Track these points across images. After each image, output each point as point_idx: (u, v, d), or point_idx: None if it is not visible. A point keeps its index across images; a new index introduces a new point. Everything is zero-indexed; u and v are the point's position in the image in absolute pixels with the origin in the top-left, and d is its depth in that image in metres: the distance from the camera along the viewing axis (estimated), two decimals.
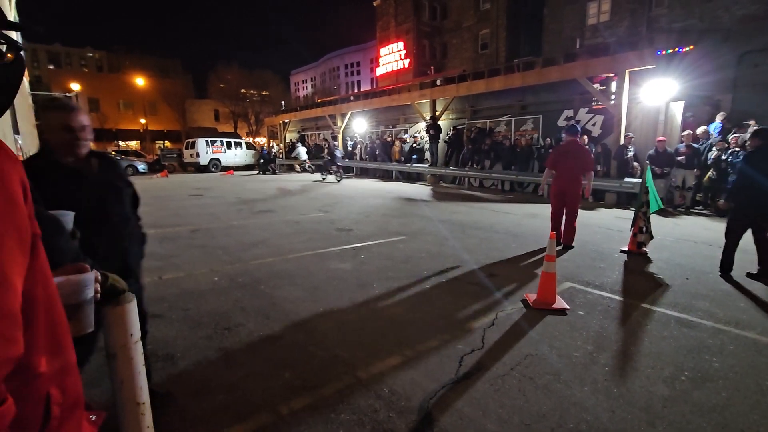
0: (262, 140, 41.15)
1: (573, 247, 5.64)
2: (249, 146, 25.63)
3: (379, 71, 32.99)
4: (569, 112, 12.06)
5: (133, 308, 1.55)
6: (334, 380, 2.43)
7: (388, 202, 10.46)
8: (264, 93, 45.51)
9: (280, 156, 25.64)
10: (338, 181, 16.12)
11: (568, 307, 3.46)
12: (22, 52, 0.73)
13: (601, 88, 11.09)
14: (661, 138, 9.31)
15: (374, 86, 35.66)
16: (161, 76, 44.87)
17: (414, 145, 16.69)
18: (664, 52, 9.62)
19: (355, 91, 42.01)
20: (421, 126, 17.03)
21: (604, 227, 7.17)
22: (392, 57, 31.26)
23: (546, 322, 3.22)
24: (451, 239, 6.15)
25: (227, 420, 2.08)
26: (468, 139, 14.55)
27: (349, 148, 20.39)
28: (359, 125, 20.29)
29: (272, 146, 30.18)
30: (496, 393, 2.30)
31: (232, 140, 24.67)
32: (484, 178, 13.55)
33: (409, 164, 16.26)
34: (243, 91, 44.15)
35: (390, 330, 3.11)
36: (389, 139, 18.41)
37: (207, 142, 23.07)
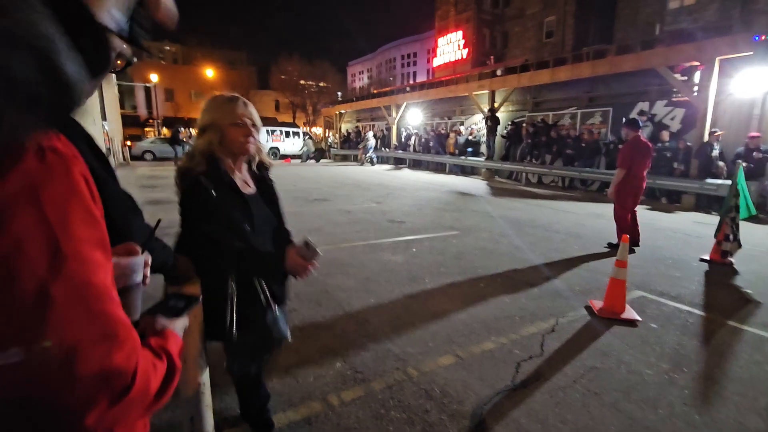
0: (318, 130, 42.23)
1: (639, 246, 5.25)
2: (307, 136, 26.38)
3: (437, 62, 32.39)
4: (644, 105, 11.09)
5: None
6: (384, 374, 2.40)
7: (441, 195, 10.27)
8: (321, 84, 46.51)
9: (335, 146, 26.14)
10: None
11: (639, 319, 3.17)
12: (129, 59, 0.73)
13: (683, 78, 10.06)
14: (754, 134, 8.26)
15: (430, 77, 35.14)
16: (228, 67, 47.29)
17: (470, 137, 16.26)
18: (762, 38, 8.49)
19: (411, 82, 41.69)
20: (478, 118, 16.53)
21: (680, 232, 6.52)
22: (450, 47, 30.52)
23: (613, 333, 2.97)
24: (507, 237, 5.90)
25: (281, 405, 2.11)
26: (528, 132, 13.87)
27: (403, 140, 20.32)
28: (414, 117, 20.10)
29: (328, 136, 30.87)
30: (556, 406, 2.14)
31: (291, 130, 25.54)
32: (544, 174, 12.88)
33: (463, 157, 15.87)
34: (302, 82, 45.41)
35: (442, 327, 3.02)
36: (444, 131, 18.06)
37: (268, 131, 24.04)
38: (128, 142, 21.81)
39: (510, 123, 14.96)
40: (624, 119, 5.51)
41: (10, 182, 0.42)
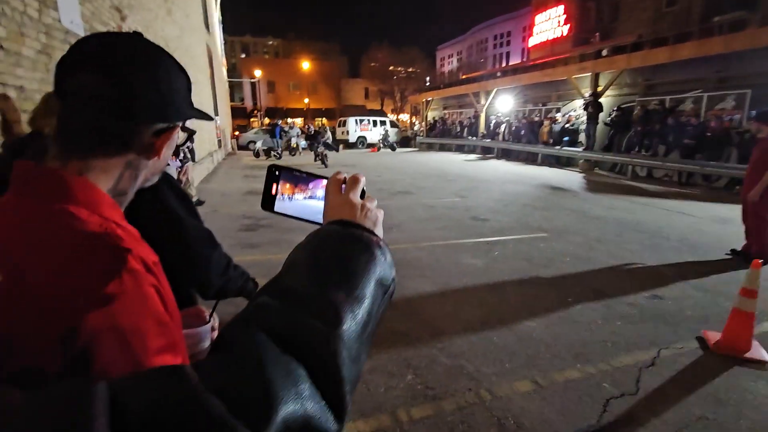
0: (405, 117, 42.40)
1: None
2: (393, 124, 26.66)
3: (532, 41, 30.11)
4: None
5: None
6: (456, 394, 2.35)
7: (531, 189, 9.65)
8: (410, 70, 46.43)
9: (420, 134, 26.02)
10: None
11: None
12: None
13: None
14: None
15: (525, 58, 32.89)
16: (322, 59, 49.54)
17: (567, 125, 14.94)
18: None
19: (503, 64, 39.48)
20: (577, 104, 15.09)
21: None
22: (549, 24, 28.09)
23: (733, 376, 2.52)
24: (605, 242, 5.34)
25: (352, 414, 2.19)
26: (638, 119, 12.28)
27: (492, 128, 19.44)
28: (504, 103, 19.08)
29: (414, 123, 30.82)
30: None
31: (378, 119, 26.02)
32: (655, 167, 11.35)
33: (558, 147, 14.68)
34: (391, 68, 45.79)
35: (521, 347, 2.85)
36: (537, 118, 16.86)
37: (356, 120, 24.83)
38: (236, 132, 24.19)
39: (615, 109, 13.38)
40: (755, 112, 4.58)
41: (92, 316, 0.46)
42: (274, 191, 0.62)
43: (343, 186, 0.57)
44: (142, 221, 0.79)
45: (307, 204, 0.62)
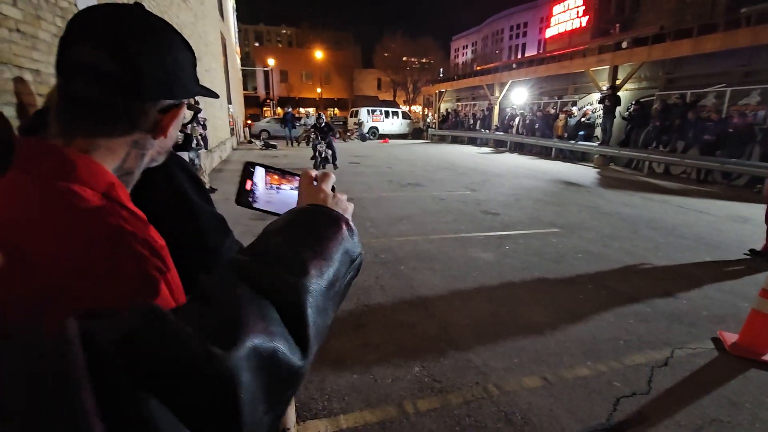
0: (417, 108, 42.08)
1: None
2: (405, 116, 26.47)
3: (550, 32, 29.54)
4: None
5: None
6: (462, 387, 2.33)
7: (543, 184, 9.51)
8: (424, 60, 45.93)
9: (433, 126, 25.80)
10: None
11: None
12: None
13: None
14: None
15: (541, 50, 32.31)
16: (335, 48, 49.22)
17: (583, 119, 14.65)
18: None
19: (519, 56, 38.91)
20: (594, 97, 14.77)
21: None
22: (567, 15, 27.51)
23: (749, 379, 2.46)
24: (618, 239, 5.24)
25: (359, 403, 2.19)
26: (657, 113, 11.97)
27: (505, 121, 19.17)
28: (519, 96, 18.75)
29: (426, 115, 30.57)
30: None
31: (390, 110, 25.83)
32: (673, 164, 11.07)
33: (573, 141, 14.42)
34: (404, 59, 45.34)
35: (530, 342, 2.82)
36: (553, 111, 16.55)
37: (368, 111, 24.70)
38: (249, 121, 24.28)
39: (634, 103, 13.05)
40: None
41: (94, 299, 0.46)
42: (248, 187, 0.65)
43: (315, 182, 0.61)
44: (155, 204, 0.77)
45: (282, 198, 0.66)
